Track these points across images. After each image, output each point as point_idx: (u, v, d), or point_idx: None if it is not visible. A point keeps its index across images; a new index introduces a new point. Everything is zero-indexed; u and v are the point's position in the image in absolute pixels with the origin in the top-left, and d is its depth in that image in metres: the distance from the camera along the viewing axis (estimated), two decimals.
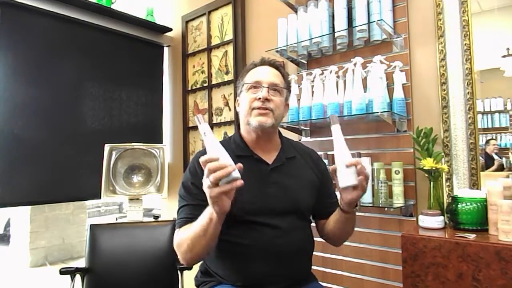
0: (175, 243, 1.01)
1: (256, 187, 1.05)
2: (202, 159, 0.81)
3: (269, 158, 1.11)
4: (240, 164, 0.82)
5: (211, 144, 0.84)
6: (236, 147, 1.11)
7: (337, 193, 1.04)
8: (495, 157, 1.40)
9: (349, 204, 0.98)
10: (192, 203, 1.02)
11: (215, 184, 0.80)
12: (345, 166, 0.92)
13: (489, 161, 1.41)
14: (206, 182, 0.81)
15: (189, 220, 1.00)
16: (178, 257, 1.00)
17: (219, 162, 0.80)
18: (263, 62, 1.13)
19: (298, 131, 1.81)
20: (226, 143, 1.15)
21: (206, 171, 0.80)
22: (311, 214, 1.19)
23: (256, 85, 1.08)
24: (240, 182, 0.81)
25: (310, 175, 1.16)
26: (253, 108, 1.06)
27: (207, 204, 0.86)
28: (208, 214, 0.87)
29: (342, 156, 0.94)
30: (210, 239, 0.91)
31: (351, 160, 0.91)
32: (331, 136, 0.97)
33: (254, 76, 1.10)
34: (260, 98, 1.05)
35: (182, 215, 1.03)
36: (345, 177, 0.93)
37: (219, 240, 1.06)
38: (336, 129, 0.97)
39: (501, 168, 1.40)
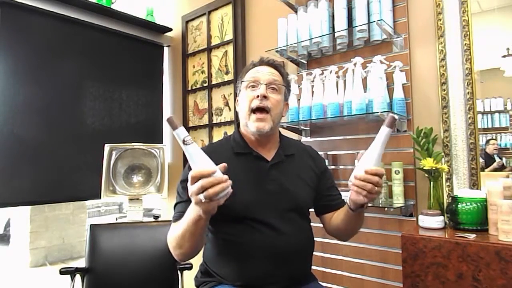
0: (167, 238, 1.02)
1: (255, 184, 1.05)
2: (192, 173, 0.78)
3: (268, 155, 1.12)
4: (224, 165, 0.81)
5: (196, 154, 0.80)
6: (236, 145, 1.12)
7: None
8: (497, 159, 1.40)
9: (356, 204, 0.97)
10: (188, 199, 1.02)
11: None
12: (364, 172, 0.89)
13: (489, 161, 1.41)
14: (197, 198, 0.78)
15: (183, 215, 1.00)
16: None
17: (213, 177, 0.77)
18: (262, 62, 1.14)
19: (298, 131, 1.81)
20: (225, 140, 1.17)
21: (196, 187, 0.77)
22: (315, 210, 1.20)
23: (254, 84, 1.08)
24: (231, 191, 0.80)
25: (309, 171, 1.16)
26: (252, 110, 1.06)
27: None
28: (195, 218, 0.86)
29: (369, 160, 0.91)
30: (198, 238, 0.92)
31: (371, 168, 0.89)
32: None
33: (252, 74, 1.11)
34: (258, 96, 1.05)
35: (178, 209, 1.04)
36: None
37: (218, 239, 1.07)
38: (385, 132, 0.92)
39: (501, 168, 1.40)
